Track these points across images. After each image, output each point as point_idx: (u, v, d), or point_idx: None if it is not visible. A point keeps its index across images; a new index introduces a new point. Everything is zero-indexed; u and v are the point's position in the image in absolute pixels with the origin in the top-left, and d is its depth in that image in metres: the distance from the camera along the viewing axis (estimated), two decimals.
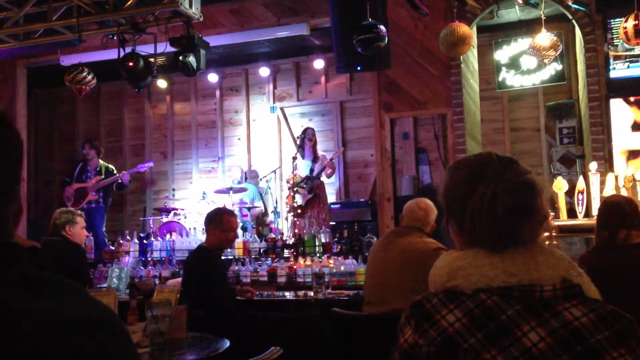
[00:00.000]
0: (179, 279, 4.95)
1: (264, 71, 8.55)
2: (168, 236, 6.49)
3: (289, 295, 4.69)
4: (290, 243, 5.75)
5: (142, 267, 5.65)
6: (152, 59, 5.64)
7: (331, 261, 5.10)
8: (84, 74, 5.88)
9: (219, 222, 3.84)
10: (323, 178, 7.29)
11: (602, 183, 4.21)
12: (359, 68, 5.72)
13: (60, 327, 0.73)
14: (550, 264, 1.13)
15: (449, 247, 3.78)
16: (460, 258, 1.17)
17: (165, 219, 7.36)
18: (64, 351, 0.72)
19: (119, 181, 7.60)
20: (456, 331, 1.09)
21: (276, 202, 7.98)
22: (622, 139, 5.36)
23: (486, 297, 1.11)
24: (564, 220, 4.18)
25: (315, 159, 7.29)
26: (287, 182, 7.41)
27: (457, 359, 1.07)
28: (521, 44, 7.18)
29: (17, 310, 0.72)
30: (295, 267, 5.10)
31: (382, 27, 4.96)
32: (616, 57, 5.41)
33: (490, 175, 1.19)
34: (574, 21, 5.73)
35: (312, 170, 7.25)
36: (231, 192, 7.38)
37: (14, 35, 5.89)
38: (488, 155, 1.25)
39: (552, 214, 1.32)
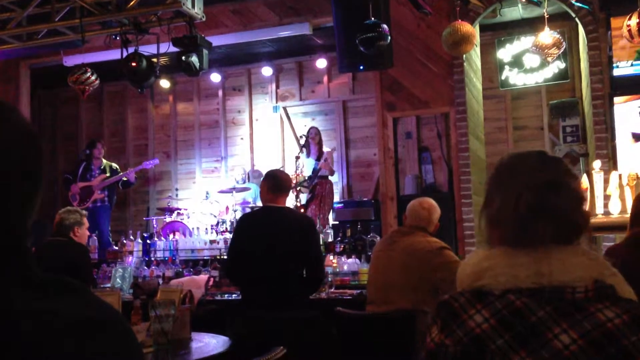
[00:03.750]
0: (183, 279, 4.96)
1: (267, 71, 8.55)
2: (171, 236, 6.50)
3: None
4: None
5: (145, 267, 5.65)
6: (154, 59, 5.65)
7: (334, 260, 5.09)
8: (87, 74, 5.89)
9: None
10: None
11: (606, 181, 4.20)
12: (361, 67, 5.72)
13: (66, 328, 0.73)
14: (583, 265, 1.11)
15: (452, 245, 3.77)
16: (488, 257, 1.16)
17: (168, 219, 7.37)
18: (69, 352, 0.72)
19: (125, 179, 7.62)
20: (483, 332, 1.07)
21: None
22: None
23: (515, 298, 1.09)
24: None
25: (319, 156, 7.30)
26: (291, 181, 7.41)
27: None
28: (524, 42, 7.17)
29: (21, 311, 0.72)
30: None
31: (385, 26, 4.96)
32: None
33: (522, 173, 1.19)
34: (577, 19, 5.72)
35: (314, 169, 7.27)
36: (234, 191, 7.39)
37: (17, 36, 5.90)
38: (528, 153, 1.25)
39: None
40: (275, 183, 3.68)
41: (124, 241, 6.17)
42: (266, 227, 3.58)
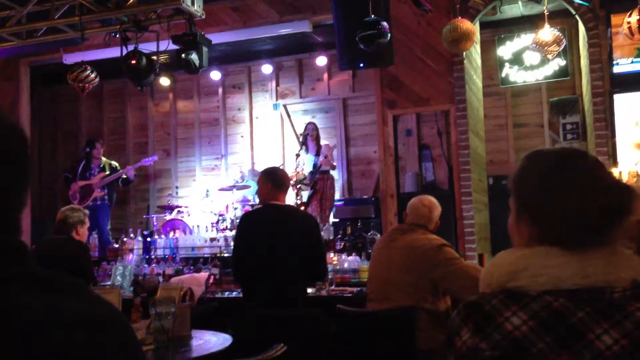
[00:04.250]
0: (183, 277, 4.96)
1: (267, 68, 8.54)
2: (172, 234, 6.50)
3: None
4: None
5: (145, 265, 5.66)
6: (154, 57, 5.65)
7: (335, 258, 5.10)
8: (87, 72, 5.89)
9: None
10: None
11: None
12: (361, 65, 5.71)
13: (65, 325, 0.73)
14: (625, 266, 1.10)
15: (452, 243, 3.77)
16: (526, 257, 1.12)
17: (168, 217, 7.38)
18: (69, 349, 0.72)
19: (124, 176, 7.62)
20: (523, 335, 1.04)
21: None
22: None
23: (552, 299, 1.06)
24: None
25: (318, 152, 7.30)
26: (291, 179, 7.41)
27: None
28: (524, 39, 7.17)
29: (21, 308, 0.72)
30: None
31: (385, 24, 4.95)
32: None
33: (583, 172, 1.15)
34: (577, 16, 5.71)
35: (315, 165, 7.27)
36: (234, 189, 7.39)
37: (16, 33, 5.89)
38: (578, 151, 1.22)
39: None
40: (277, 180, 3.68)
41: (124, 239, 6.17)
42: (271, 225, 3.59)
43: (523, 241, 1.18)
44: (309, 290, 4.49)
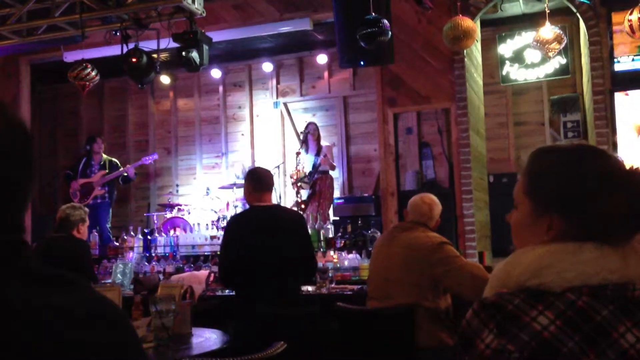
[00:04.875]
0: (183, 275, 4.96)
1: (267, 66, 8.54)
2: (172, 232, 6.51)
3: None
4: None
5: (146, 263, 5.66)
6: (155, 55, 5.65)
7: (335, 256, 5.10)
8: (88, 70, 5.89)
9: None
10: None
11: None
12: (362, 63, 5.70)
13: (67, 322, 0.73)
14: None
15: (452, 241, 3.76)
16: (552, 254, 1.10)
17: (169, 215, 7.38)
18: (70, 346, 0.72)
19: (125, 174, 7.62)
20: (552, 335, 1.02)
21: (280, 198, 7.99)
22: None
23: (575, 297, 1.05)
24: None
25: (318, 152, 7.31)
26: (291, 177, 7.42)
27: None
28: (525, 37, 7.16)
29: (22, 305, 0.72)
30: None
31: (385, 22, 4.94)
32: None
33: (613, 167, 1.14)
34: (578, 14, 5.70)
35: (314, 165, 7.27)
36: (235, 187, 7.39)
37: (17, 31, 5.89)
38: (592, 146, 1.22)
39: None
40: (258, 182, 3.67)
41: (125, 237, 6.18)
42: (258, 227, 3.58)
43: (540, 239, 1.15)
44: (309, 288, 4.49)
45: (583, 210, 1.12)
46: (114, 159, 7.89)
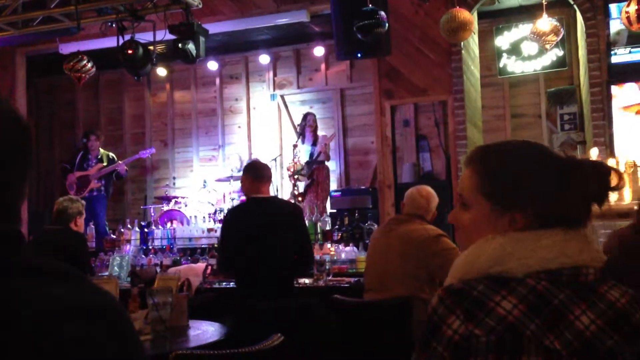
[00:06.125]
0: (180, 267, 4.96)
1: (264, 59, 8.51)
2: (169, 224, 6.50)
3: None
4: None
5: (143, 256, 5.66)
6: (151, 47, 5.62)
7: (332, 248, 5.10)
8: (84, 62, 5.87)
9: None
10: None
11: None
12: (359, 55, 5.69)
13: (64, 314, 0.73)
14: (597, 248, 1.16)
15: (448, 233, 3.76)
16: (513, 242, 1.14)
17: (166, 208, 7.37)
18: (65, 337, 0.72)
19: (117, 170, 7.61)
20: (516, 318, 1.05)
21: (277, 190, 7.98)
22: None
23: (535, 282, 1.09)
24: None
25: (315, 142, 7.30)
26: (288, 169, 7.42)
27: (520, 347, 1.04)
28: (522, 29, 7.15)
29: (19, 297, 0.72)
30: None
31: (382, 13, 4.93)
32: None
33: (563, 158, 1.20)
34: (575, 6, 5.69)
35: (312, 155, 7.27)
36: (232, 180, 7.38)
37: (12, 23, 5.87)
38: (539, 143, 1.28)
39: None
40: (257, 173, 3.69)
41: (122, 230, 6.17)
42: (256, 218, 3.60)
43: (499, 232, 1.19)
44: (306, 280, 4.50)
45: (541, 203, 1.17)
46: (110, 153, 7.87)
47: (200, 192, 7.83)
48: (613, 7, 5.44)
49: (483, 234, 1.19)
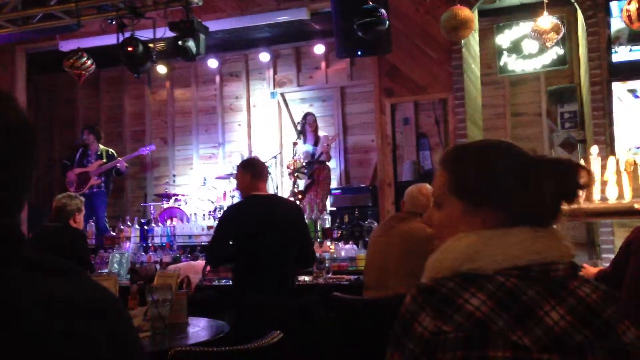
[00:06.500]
0: (180, 264, 4.97)
1: (264, 56, 8.50)
2: (169, 222, 6.51)
3: None
4: None
5: (143, 253, 5.66)
6: (151, 44, 5.62)
7: (332, 246, 5.10)
8: (83, 59, 5.86)
9: None
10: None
11: (603, 167, 4.20)
12: (359, 53, 5.69)
13: (61, 308, 0.73)
14: (566, 244, 1.17)
15: None
16: (483, 240, 1.16)
17: (166, 205, 7.38)
18: (64, 332, 0.72)
19: (117, 166, 7.60)
20: (484, 314, 1.07)
21: (277, 188, 7.98)
22: None
23: (504, 279, 1.11)
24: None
25: (316, 142, 7.30)
26: (288, 167, 7.42)
27: (487, 343, 1.05)
28: (523, 28, 7.14)
29: (18, 292, 0.71)
30: None
31: (383, 11, 4.93)
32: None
33: (531, 157, 1.22)
34: (575, 4, 5.68)
35: (313, 155, 7.26)
36: (232, 177, 7.38)
37: (12, 20, 5.86)
38: (509, 142, 1.30)
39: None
40: (255, 171, 3.69)
41: (122, 227, 6.17)
42: (257, 216, 3.59)
43: (471, 231, 1.21)
44: (306, 278, 4.50)
45: (511, 201, 1.19)
46: (110, 150, 7.87)
47: (200, 190, 7.83)
48: (614, 5, 5.42)
49: (455, 232, 1.21)
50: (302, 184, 7.20)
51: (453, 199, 1.24)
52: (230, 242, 3.64)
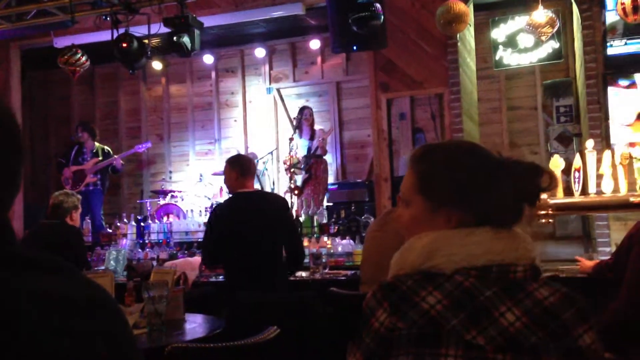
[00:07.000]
0: (177, 261, 4.96)
1: (260, 52, 8.48)
2: (165, 218, 6.50)
3: None
4: None
5: (139, 250, 5.66)
6: (146, 40, 5.59)
7: (328, 242, 5.11)
8: (78, 55, 5.84)
9: None
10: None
11: (599, 161, 4.21)
12: (354, 48, 5.67)
13: (57, 306, 0.72)
14: (526, 246, 1.18)
15: None
16: (442, 238, 1.17)
17: (162, 202, 7.37)
18: (60, 329, 0.71)
19: (113, 164, 7.59)
20: (439, 313, 1.08)
21: (273, 184, 7.98)
22: None
23: (463, 278, 1.12)
24: (560, 198, 4.18)
25: (312, 136, 7.30)
26: (284, 163, 7.41)
27: (440, 341, 1.07)
28: (518, 22, 7.13)
29: (11, 288, 0.71)
30: None
31: (378, 6, 4.91)
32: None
33: (497, 159, 1.23)
34: None
35: (309, 149, 7.26)
36: None
37: (6, 16, 5.83)
38: (475, 143, 1.32)
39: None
40: (243, 168, 3.70)
41: (118, 224, 6.16)
42: (247, 213, 3.60)
43: (435, 230, 1.22)
44: (303, 273, 4.51)
45: (474, 202, 1.20)
46: (106, 147, 7.85)
47: (196, 186, 7.82)
48: None
49: (421, 231, 1.22)
50: (299, 179, 7.19)
51: (419, 198, 1.26)
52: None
